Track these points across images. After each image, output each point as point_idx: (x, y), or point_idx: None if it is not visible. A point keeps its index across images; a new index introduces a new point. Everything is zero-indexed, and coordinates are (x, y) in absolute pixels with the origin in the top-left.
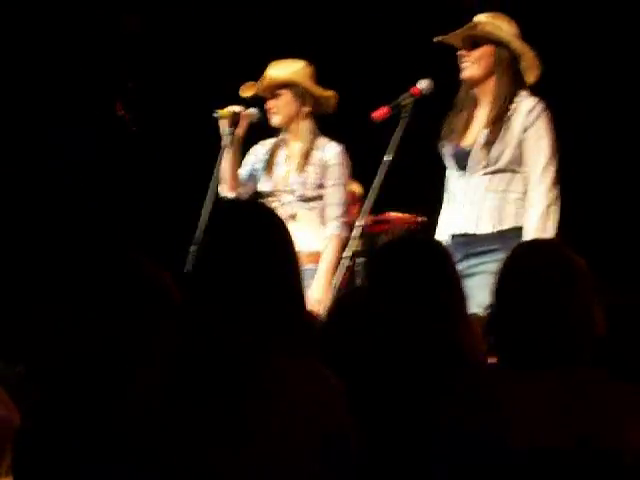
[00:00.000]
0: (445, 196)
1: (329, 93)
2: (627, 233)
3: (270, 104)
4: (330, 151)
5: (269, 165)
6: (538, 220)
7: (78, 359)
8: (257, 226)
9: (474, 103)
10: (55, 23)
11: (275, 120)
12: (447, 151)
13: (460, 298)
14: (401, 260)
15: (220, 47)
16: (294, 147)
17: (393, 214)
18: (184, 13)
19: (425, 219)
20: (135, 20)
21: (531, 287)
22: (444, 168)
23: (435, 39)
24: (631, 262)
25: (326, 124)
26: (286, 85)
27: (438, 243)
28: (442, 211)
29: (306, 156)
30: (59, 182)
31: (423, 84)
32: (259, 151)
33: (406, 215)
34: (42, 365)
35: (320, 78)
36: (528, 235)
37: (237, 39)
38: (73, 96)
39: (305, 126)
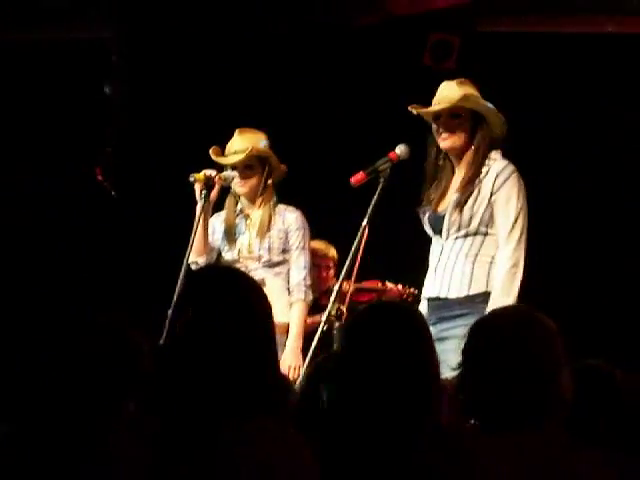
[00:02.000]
0: (430, 260)
1: (283, 166)
2: (598, 297)
3: (242, 175)
4: (290, 216)
5: (229, 235)
6: (503, 280)
7: (54, 419)
8: (236, 290)
9: (451, 170)
10: (37, 89)
11: (243, 190)
12: (425, 217)
13: (433, 364)
14: (376, 326)
15: (197, 111)
16: (255, 215)
17: (385, 284)
18: (160, 78)
19: (415, 291)
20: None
21: (499, 349)
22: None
23: (416, 112)
24: (603, 324)
25: (303, 190)
26: (259, 157)
27: (414, 309)
28: (426, 277)
29: (269, 223)
30: (39, 246)
31: (400, 149)
32: (215, 222)
33: (398, 286)
34: (20, 426)
35: (301, 143)
36: (493, 295)
37: (213, 104)
38: (53, 161)
39: (269, 196)
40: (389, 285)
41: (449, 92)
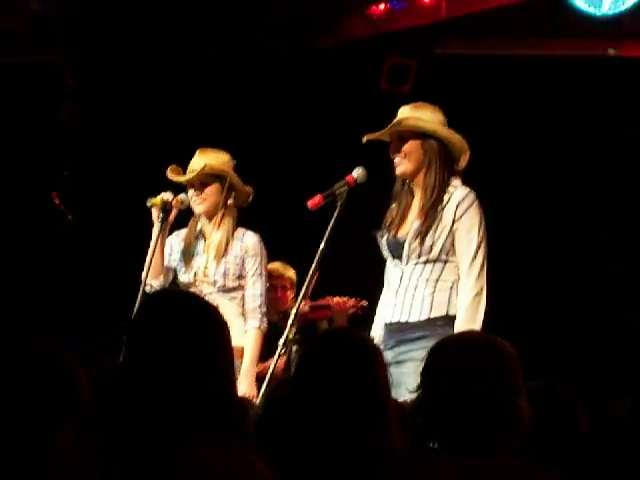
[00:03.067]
0: (385, 285)
1: (248, 189)
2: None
3: (198, 193)
4: (248, 241)
5: (187, 256)
6: (467, 310)
7: None
8: (190, 313)
9: (411, 194)
10: None
11: (200, 209)
12: (383, 241)
13: (385, 390)
14: (330, 357)
15: (155, 134)
16: (214, 237)
17: (334, 299)
18: (117, 101)
19: (366, 304)
20: (72, 110)
21: (457, 372)
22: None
23: (364, 139)
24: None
25: (261, 213)
26: (217, 176)
27: (368, 340)
28: (380, 299)
29: (226, 246)
30: None
31: (358, 172)
32: (174, 241)
33: (347, 299)
34: None
35: (258, 167)
36: (458, 324)
37: (171, 127)
38: (9, 185)
39: (228, 217)
40: (338, 299)
41: (399, 117)
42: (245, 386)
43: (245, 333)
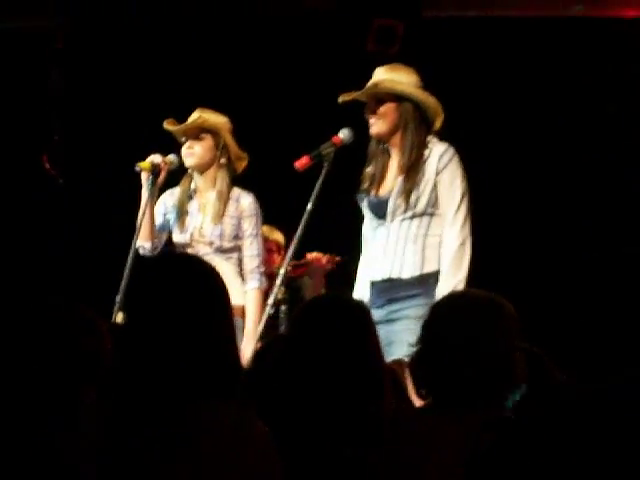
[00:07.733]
0: (363, 245)
1: (244, 154)
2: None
3: (191, 145)
4: (244, 201)
5: (181, 215)
6: (452, 259)
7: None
8: (193, 277)
9: (387, 155)
10: None
11: (190, 161)
12: (365, 201)
13: (378, 358)
14: (322, 322)
15: (143, 99)
16: (207, 196)
17: (311, 255)
18: (108, 66)
19: (341, 259)
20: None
21: (460, 327)
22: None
23: (340, 99)
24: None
25: (248, 173)
26: (211, 131)
27: (359, 304)
28: (361, 260)
29: (224, 208)
30: None
31: (344, 133)
32: (168, 201)
33: (323, 255)
34: None
35: (244, 127)
36: (443, 273)
37: (160, 93)
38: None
39: (221, 176)
40: (313, 255)
41: (375, 79)
42: (250, 347)
43: (245, 294)
